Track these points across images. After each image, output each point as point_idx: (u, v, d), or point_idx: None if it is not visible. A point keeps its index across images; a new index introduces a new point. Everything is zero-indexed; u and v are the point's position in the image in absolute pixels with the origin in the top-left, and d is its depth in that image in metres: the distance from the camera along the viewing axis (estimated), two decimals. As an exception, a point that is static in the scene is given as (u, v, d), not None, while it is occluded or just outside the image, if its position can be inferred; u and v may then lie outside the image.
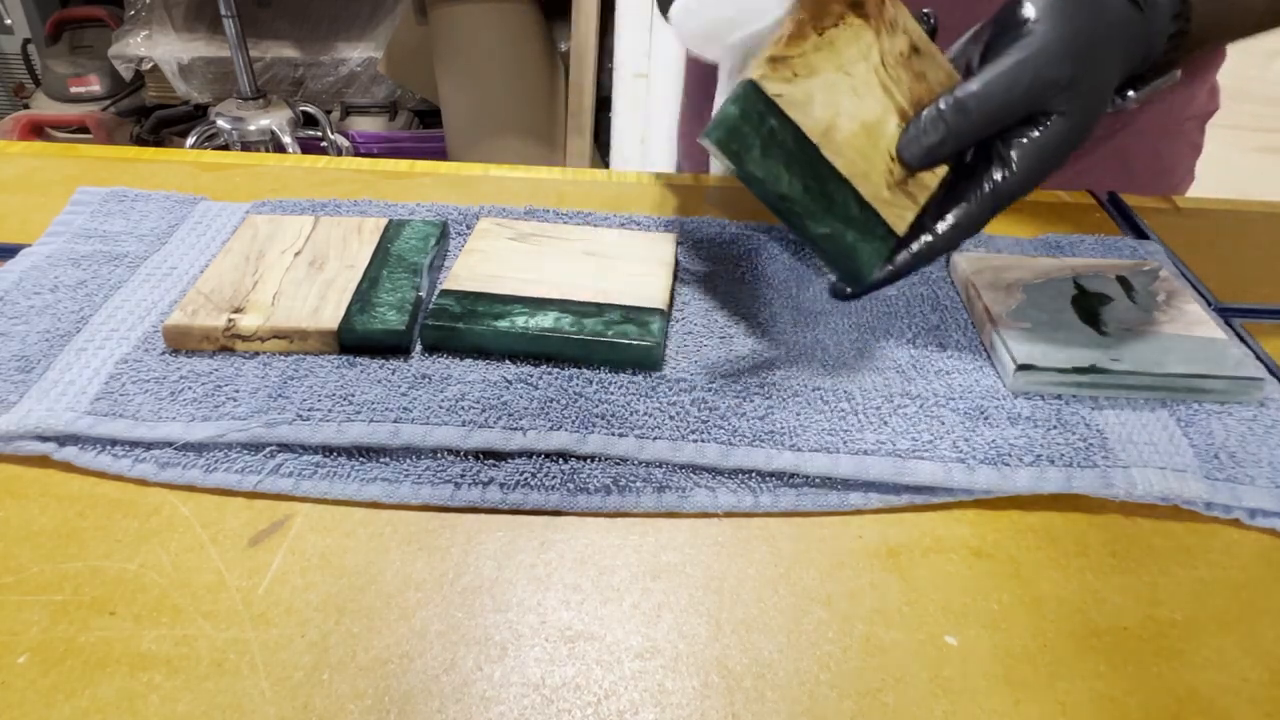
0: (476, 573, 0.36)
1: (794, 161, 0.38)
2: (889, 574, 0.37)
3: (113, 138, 1.89)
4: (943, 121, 0.39)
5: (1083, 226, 0.62)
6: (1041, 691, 0.33)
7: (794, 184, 0.39)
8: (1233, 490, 0.40)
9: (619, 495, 0.39)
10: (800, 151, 0.38)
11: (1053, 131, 0.39)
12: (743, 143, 0.37)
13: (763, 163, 0.38)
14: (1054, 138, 0.39)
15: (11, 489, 0.39)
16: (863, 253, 0.41)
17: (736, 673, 0.33)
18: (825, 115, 0.39)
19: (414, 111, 1.97)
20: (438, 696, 0.32)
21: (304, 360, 0.44)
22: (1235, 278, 0.57)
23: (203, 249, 0.53)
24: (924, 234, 0.41)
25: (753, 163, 0.38)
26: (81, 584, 0.35)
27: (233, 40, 1.57)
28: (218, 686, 0.31)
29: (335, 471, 0.40)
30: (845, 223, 0.40)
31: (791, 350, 0.47)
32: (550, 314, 0.45)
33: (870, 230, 0.41)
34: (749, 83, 0.37)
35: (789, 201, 0.39)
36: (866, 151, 0.40)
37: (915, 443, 0.41)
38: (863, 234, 0.41)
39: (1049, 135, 0.39)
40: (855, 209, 0.40)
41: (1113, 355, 0.45)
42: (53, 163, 0.64)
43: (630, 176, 0.67)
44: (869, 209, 0.40)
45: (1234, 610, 0.36)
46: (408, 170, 0.66)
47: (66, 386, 0.42)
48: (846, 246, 0.40)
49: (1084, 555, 0.38)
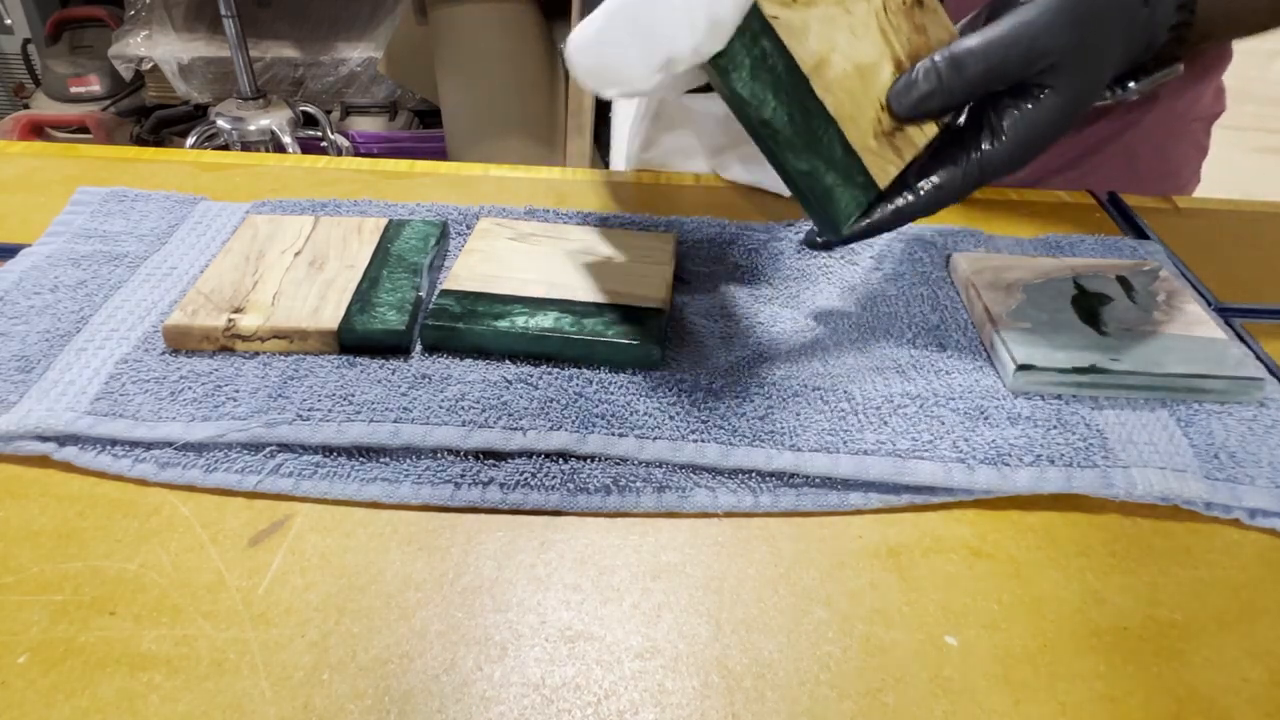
0: (476, 573, 0.36)
1: (782, 89, 0.37)
2: (889, 574, 0.37)
3: (113, 138, 1.89)
4: (936, 74, 0.39)
5: (1083, 226, 0.62)
6: (1041, 691, 0.33)
7: (779, 112, 0.38)
8: (1233, 490, 0.40)
9: (619, 495, 0.39)
10: (790, 81, 0.37)
11: (1045, 106, 0.39)
12: (732, 59, 0.36)
13: (750, 84, 0.37)
14: (1046, 113, 0.39)
15: (11, 489, 0.39)
16: (841, 198, 0.40)
17: (736, 673, 0.33)
18: (820, 48, 0.38)
19: (414, 111, 1.97)
20: (438, 696, 0.32)
21: (304, 360, 0.44)
22: (1235, 278, 0.57)
23: (203, 249, 0.53)
24: (906, 192, 0.41)
25: (740, 82, 0.37)
26: (81, 584, 0.35)
27: (233, 40, 1.57)
28: (218, 686, 0.31)
29: (335, 471, 0.40)
30: (827, 163, 0.39)
31: (791, 350, 0.47)
32: (550, 314, 0.45)
33: (850, 176, 0.40)
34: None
35: (771, 129, 0.38)
36: (857, 94, 0.39)
37: (915, 443, 0.41)
38: (843, 178, 0.40)
39: (1041, 109, 0.39)
40: (839, 151, 0.39)
41: (1113, 355, 0.45)
42: (53, 163, 0.64)
43: (630, 176, 0.67)
44: (852, 154, 0.39)
45: (1234, 610, 0.36)
46: (408, 170, 0.66)
47: (66, 386, 0.42)
48: (824, 188, 0.40)
49: (1084, 555, 0.38)
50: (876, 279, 0.53)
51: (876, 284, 0.53)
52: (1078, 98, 0.39)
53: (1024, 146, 0.40)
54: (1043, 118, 0.39)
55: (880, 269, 0.54)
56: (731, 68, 0.36)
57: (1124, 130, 0.69)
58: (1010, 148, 0.39)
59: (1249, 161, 1.78)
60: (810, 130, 0.38)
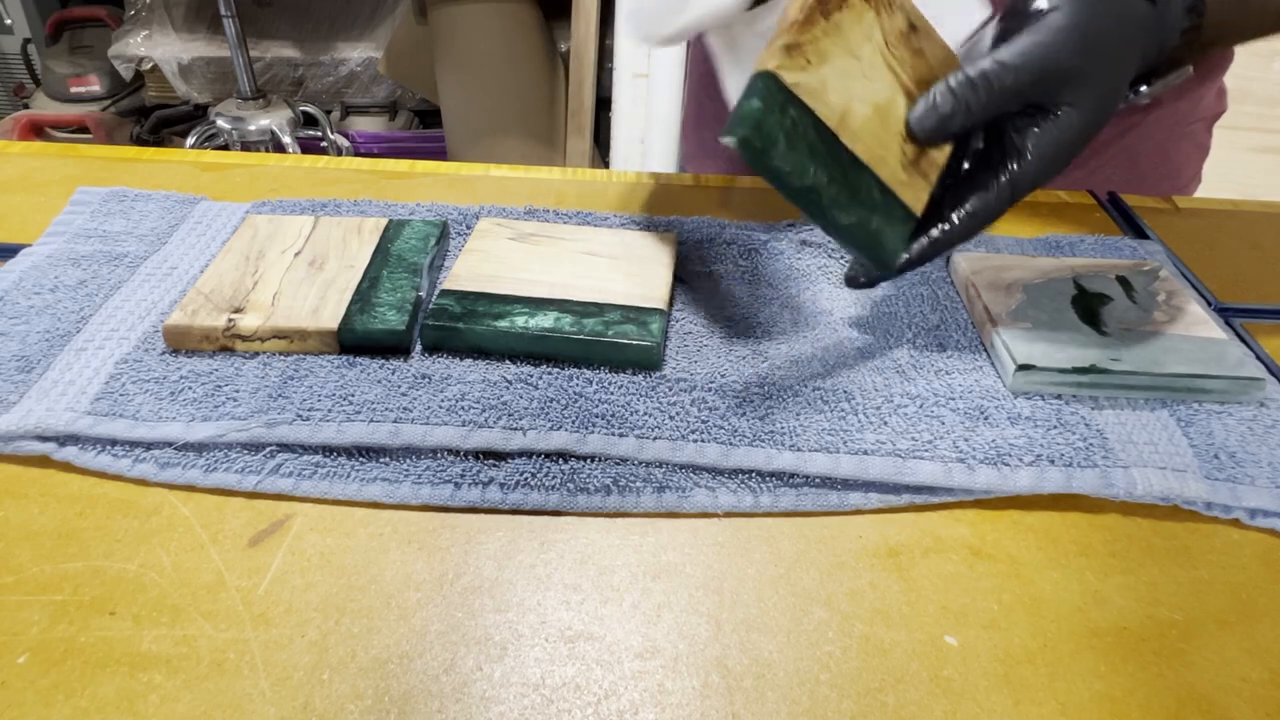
0: (476, 573, 0.36)
1: (816, 152, 0.38)
2: (889, 574, 0.37)
3: (113, 138, 1.90)
4: (953, 95, 0.39)
5: (1083, 226, 0.62)
6: (1041, 691, 0.33)
7: (819, 174, 0.38)
8: (1233, 490, 0.40)
9: (619, 495, 0.39)
10: (820, 141, 0.38)
11: (1065, 122, 0.39)
12: (768, 137, 0.36)
13: (788, 155, 0.37)
14: (1067, 130, 0.39)
15: (11, 489, 0.39)
16: (888, 237, 0.40)
17: (736, 673, 0.33)
18: (840, 101, 0.38)
19: (414, 111, 1.97)
20: (438, 696, 0.32)
21: (304, 360, 0.44)
22: (1235, 278, 0.57)
23: (203, 249, 0.53)
24: (942, 223, 0.41)
25: (779, 157, 0.37)
26: (81, 584, 0.35)
27: (233, 40, 1.58)
28: (218, 686, 0.31)
29: (335, 471, 0.40)
30: (869, 209, 0.40)
31: (791, 350, 0.47)
32: (550, 314, 0.45)
33: (892, 214, 0.40)
34: (767, 74, 0.36)
35: (815, 194, 0.38)
36: (880, 134, 0.40)
37: (915, 443, 0.41)
38: (886, 218, 0.40)
39: (1062, 126, 0.39)
40: (877, 194, 0.40)
41: (1113, 355, 0.45)
42: (53, 163, 0.64)
43: (630, 176, 0.67)
44: (889, 193, 0.40)
45: (1234, 610, 0.36)
46: (408, 170, 0.66)
47: (66, 386, 0.42)
48: (872, 233, 0.40)
49: (1084, 555, 0.38)
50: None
51: (876, 284, 0.53)
52: (1097, 112, 0.40)
53: (1049, 162, 0.40)
54: (1065, 135, 0.39)
55: (880, 269, 0.54)
56: (768, 146, 0.37)
57: (1125, 131, 0.69)
58: (1036, 166, 0.40)
59: (1249, 161, 1.78)
60: (849, 182, 0.39)
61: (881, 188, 0.40)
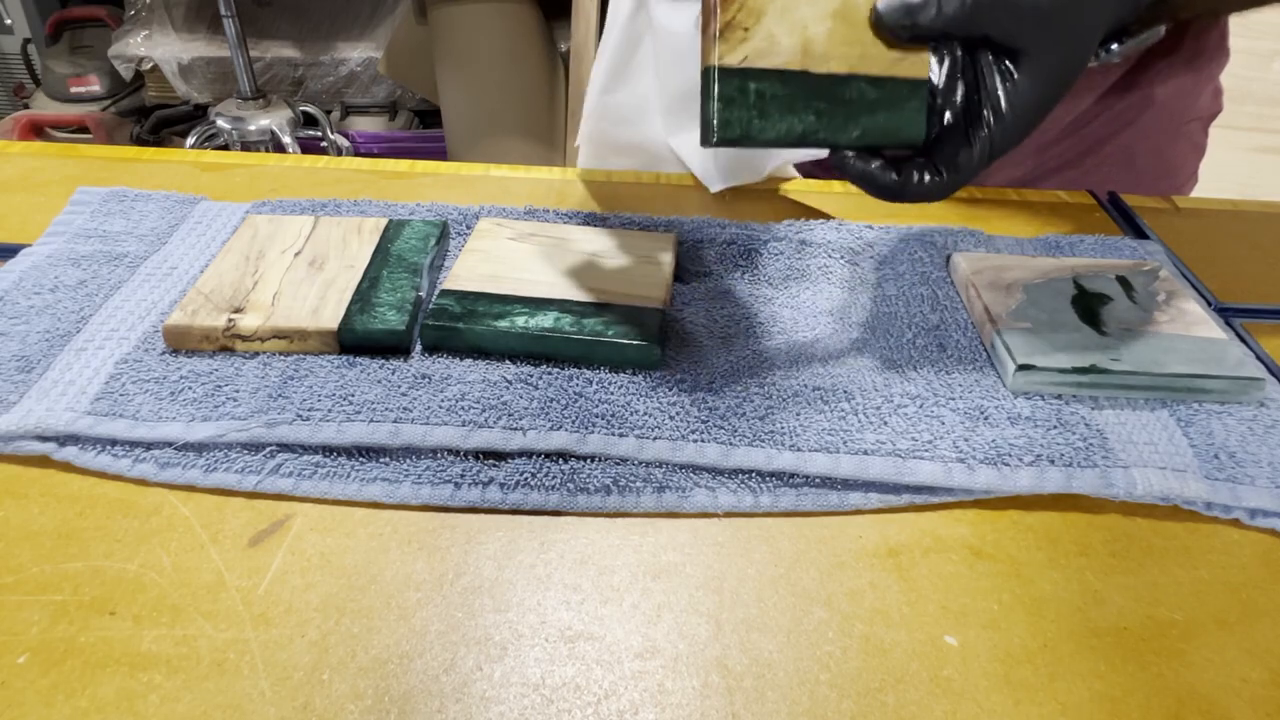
0: (476, 573, 0.36)
1: (794, 102, 0.37)
2: (889, 574, 0.37)
3: (113, 138, 1.89)
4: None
5: (1083, 226, 0.62)
6: (1041, 691, 0.33)
7: (806, 118, 0.37)
8: (1233, 490, 0.40)
9: (619, 495, 0.39)
10: (794, 89, 0.37)
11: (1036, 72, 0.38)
12: (740, 125, 0.36)
13: (768, 126, 0.36)
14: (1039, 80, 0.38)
15: (11, 489, 0.39)
16: (902, 120, 0.39)
17: (736, 673, 0.33)
18: (794, 39, 0.37)
19: (414, 111, 1.97)
20: (438, 696, 0.32)
21: (304, 360, 0.44)
22: (1235, 278, 0.57)
23: (203, 249, 0.53)
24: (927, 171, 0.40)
25: (760, 132, 0.36)
26: (81, 584, 0.35)
27: (233, 40, 1.57)
28: (218, 686, 0.31)
29: (335, 471, 0.40)
30: (871, 110, 0.38)
31: (791, 350, 0.47)
32: (550, 314, 0.45)
33: (897, 98, 0.39)
34: (711, 69, 0.36)
35: (811, 135, 0.37)
36: (850, 37, 0.38)
37: (915, 443, 0.41)
38: (891, 106, 0.39)
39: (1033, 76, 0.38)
40: (871, 92, 0.38)
41: (1113, 355, 0.45)
42: (53, 163, 0.64)
43: (630, 176, 0.67)
44: (883, 82, 0.39)
45: (1234, 610, 0.36)
46: (408, 170, 0.66)
47: (66, 386, 0.42)
48: (884, 128, 0.39)
49: (1084, 555, 0.38)
50: (876, 279, 0.53)
51: (876, 284, 0.53)
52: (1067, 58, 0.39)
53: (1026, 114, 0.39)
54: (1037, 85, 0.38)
55: (880, 269, 0.54)
56: (745, 132, 0.36)
57: (1121, 130, 0.69)
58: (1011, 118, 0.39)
59: (1248, 161, 1.78)
60: (840, 101, 0.38)
61: (873, 81, 0.38)
